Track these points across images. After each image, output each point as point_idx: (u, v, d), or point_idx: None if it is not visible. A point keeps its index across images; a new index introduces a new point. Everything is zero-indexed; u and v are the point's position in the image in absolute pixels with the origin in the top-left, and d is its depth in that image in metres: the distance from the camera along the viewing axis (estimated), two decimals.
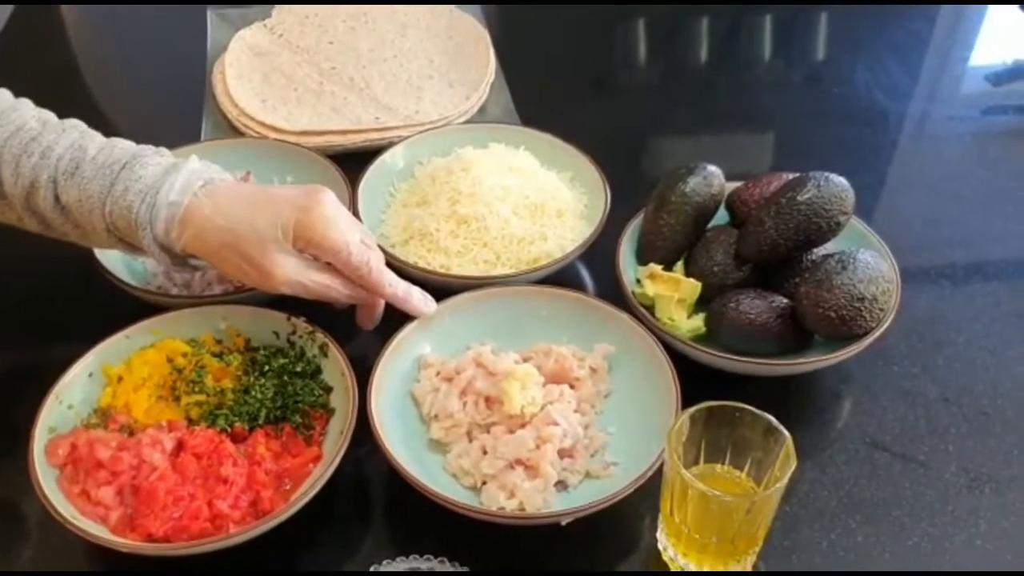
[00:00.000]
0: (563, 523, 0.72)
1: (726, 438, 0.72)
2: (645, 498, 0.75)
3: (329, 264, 0.79)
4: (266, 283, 0.76)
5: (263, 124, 1.12)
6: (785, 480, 0.66)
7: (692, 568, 0.71)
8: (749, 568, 0.72)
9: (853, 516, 0.77)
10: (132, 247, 0.80)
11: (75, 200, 0.76)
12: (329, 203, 0.77)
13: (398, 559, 0.72)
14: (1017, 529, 0.76)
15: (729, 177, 0.93)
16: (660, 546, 0.74)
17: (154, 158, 0.78)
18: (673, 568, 0.73)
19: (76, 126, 0.81)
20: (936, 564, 0.74)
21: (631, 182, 1.02)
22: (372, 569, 0.72)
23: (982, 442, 0.82)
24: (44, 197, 0.77)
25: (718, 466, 0.73)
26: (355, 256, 0.78)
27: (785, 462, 0.67)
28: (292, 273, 0.76)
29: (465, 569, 0.72)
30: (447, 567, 0.72)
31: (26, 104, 0.82)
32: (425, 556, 0.72)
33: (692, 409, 0.69)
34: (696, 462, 0.73)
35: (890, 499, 0.78)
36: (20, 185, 0.77)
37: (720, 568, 0.71)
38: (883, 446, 0.82)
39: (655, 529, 0.75)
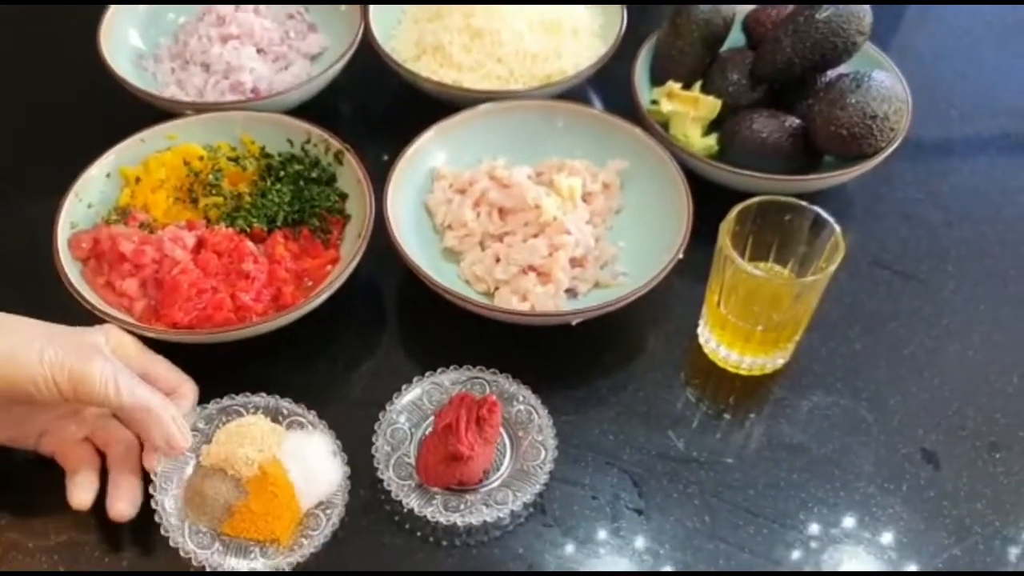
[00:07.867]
0: (573, 323, 0.75)
1: (772, 234, 0.73)
2: (650, 308, 0.78)
3: None
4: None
5: None
6: (834, 267, 0.68)
7: (735, 357, 0.75)
8: (789, 356, 0.75)
9: (852, 327, 0.80)
10: None
11: None
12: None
13: (451, 367, 0.73)
14: (1008, 342, 0.79)
15: None
16: (701, 339, 0.77)
17: None
18: (714, 359, 0.76)
19: None
20: (928, 373, 0.77)
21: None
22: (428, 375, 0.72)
23: (980, 263, 0.85)
24: None
25: (762, 263, 0.75)
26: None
27: (833, 251, 0.69)
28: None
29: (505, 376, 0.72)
30: (486, 375, 0.72)
31: None
32: (465, 366, 0.72)
33: (742, 204, 0.71)
34: (741, 258, 0.74)
35: (888, 312, 0.81)
36: None
37: (762, 356, 0.74)
38: (884, 264, 0.84)
39: (658, 337, 0.78)
